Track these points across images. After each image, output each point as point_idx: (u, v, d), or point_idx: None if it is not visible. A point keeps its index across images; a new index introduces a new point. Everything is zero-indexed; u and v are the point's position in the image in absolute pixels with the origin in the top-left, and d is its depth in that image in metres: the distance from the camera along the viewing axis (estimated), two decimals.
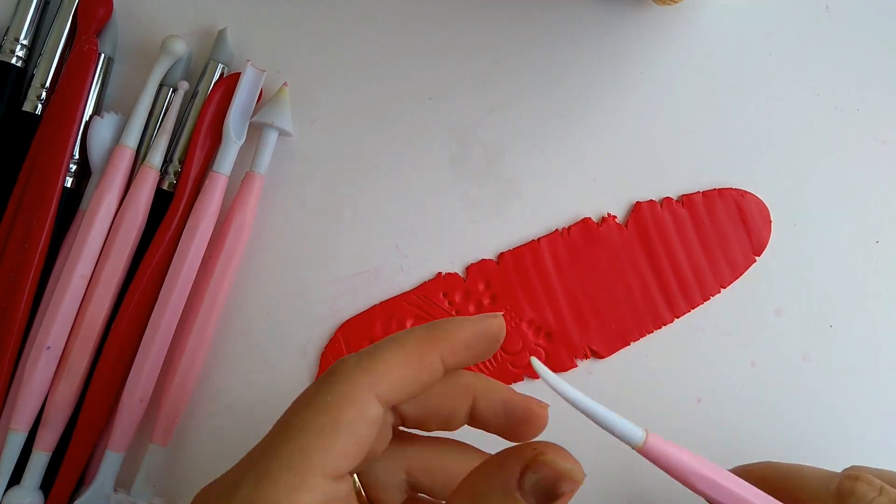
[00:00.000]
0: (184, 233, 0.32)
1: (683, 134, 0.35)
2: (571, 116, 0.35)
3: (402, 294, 0.33)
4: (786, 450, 0.32)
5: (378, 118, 0.35)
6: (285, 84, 0.34)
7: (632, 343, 0.33)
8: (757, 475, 0.26)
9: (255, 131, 0.34)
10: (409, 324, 0.33)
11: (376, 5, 0.36)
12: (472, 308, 0.33)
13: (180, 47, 0.33)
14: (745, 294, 0.34)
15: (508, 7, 0.35)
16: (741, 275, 0.33)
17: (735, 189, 0.34)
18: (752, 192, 0.34)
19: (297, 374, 0.33)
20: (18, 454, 0.31)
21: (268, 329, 0.34)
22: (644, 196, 0.34)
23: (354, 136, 0.35)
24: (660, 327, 0.33)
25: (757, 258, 0.34)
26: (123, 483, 0.32)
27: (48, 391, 0.31)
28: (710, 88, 0.35)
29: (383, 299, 0.33)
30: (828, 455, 0.32)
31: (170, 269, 0.32)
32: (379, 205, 0.34)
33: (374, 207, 0.34)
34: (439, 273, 0.34)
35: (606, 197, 0.34)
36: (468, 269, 0.34)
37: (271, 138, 0.33)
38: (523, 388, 0.33)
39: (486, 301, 0.33)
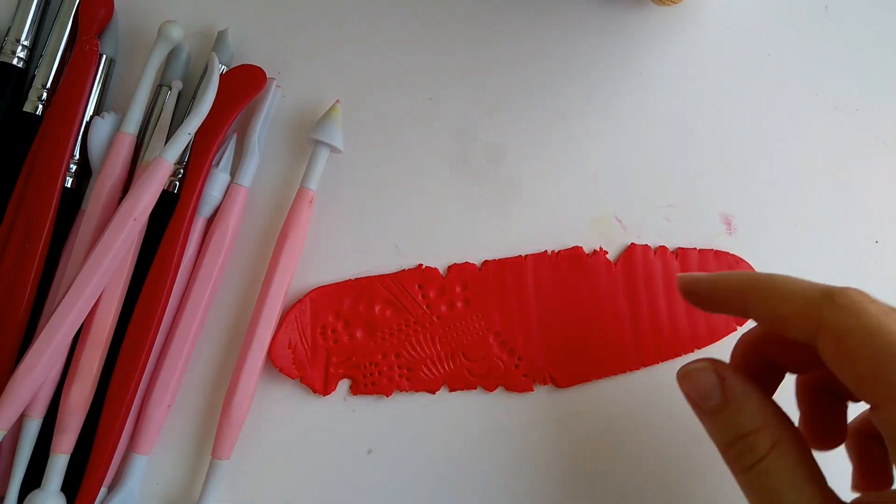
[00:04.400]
0: (210, 246, 0.33)
1: (683, 133, 0.35)
2: (571, 116, 0.35)
3: (378, 276, 0.33)
4: None
5: (378, 118, 0.35)
6: (338, 101, 0.34)
7: (593, 380, 0.33)
8: (734, 286, 0.26)
9: (302, 146, 0.34)
10: (377, 307, 0.33)
11: (376, 6, 0.36)
12: (444, 307, 0.33)
13: (177, 32, 0.33)
14: (668, 360, 0.33)
15: (508, 7, 0.35)
16: (719, 339, 0.33)
17: (732, 255, 0.33)
18: (744, 209, 0.34)
19: None
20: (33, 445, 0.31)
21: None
22: (643, 195, 0.34)
23: (354, 136, 0.35)
24: (624, 372, 0.33)
25: (739, 327, 0.33)
26: (174, 500, 0.33)
27: (62, 394, 0.31)
28: (709, 88, 0.35)
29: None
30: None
31: (197, 281, 0.32)
32: (378, 205, 0.34)
33: (373, 207, 0.34)
34: (420, 264, 0.34)
35: (606, 197, 0.34)
36: (449, 268, 0.33)
37: (323, 155, 0.33)
38: (476, 398, 0.33)
39: (459, 304, 0.33)
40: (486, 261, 0.33)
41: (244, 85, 0.33)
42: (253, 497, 0.32)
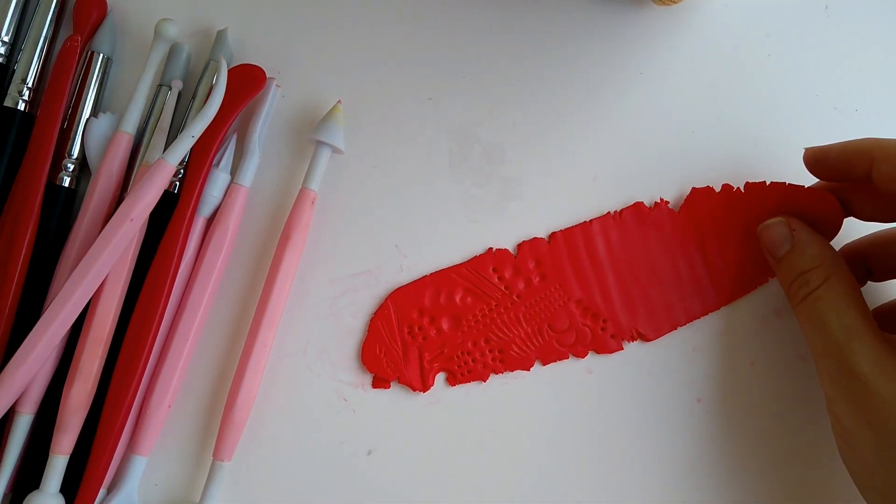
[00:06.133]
0: (210, 245, 0.32)
1: (682, 134, 0.35)
2: (571, 116, 0.35)
3: (452, 266, 0.34)
4: (786, 449, 0.33)
5: (378, 118, 0.35)
6: (339, 101, 0.34)
7: (678, 328, 0.33)
8: (860, 148, 0.30)
9: (302, 146, 0.34)
10: (457, 297, 0.33)
11: (376, 5, 0.35)
12: (521, 285, 0.33)
13: (173, 30, 0.33)
14: (747, 294, 0.34)
15: (508, 7, 0.35)
16: None
17: (800, 186, 0.33)
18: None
19: (295, 373, 0.33)
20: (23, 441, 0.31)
21: None
22: (643, 196, 0.34)
23: (354, 136, 0.35)
24: (707, 313, 0.33)
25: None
26: (174, 501, 0.32)
27: (62, 394, 0.31)
28: (709, 88, 0.35)
29: (384, 299, 0.33)
30: (828, 455, 0.33)
31: (197, 280, 0.32)
32: (379, 205, 0.34)
33: (373, 207, 0.34)
34: (490, 248, 0.34)
35: (606, 196, 0.34)
36: (519, 246, 0.34)
37: (325, 156, 0.33)
38: (569, 367, 0.33)
39: (535, 279, 0.33)
40: (553, 233, 0.34)
41: (244, 85, 0.33)
42: (255, 499, 0.32)
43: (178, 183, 0.33)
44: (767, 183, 0.33)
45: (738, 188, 0.34)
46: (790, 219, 0.31)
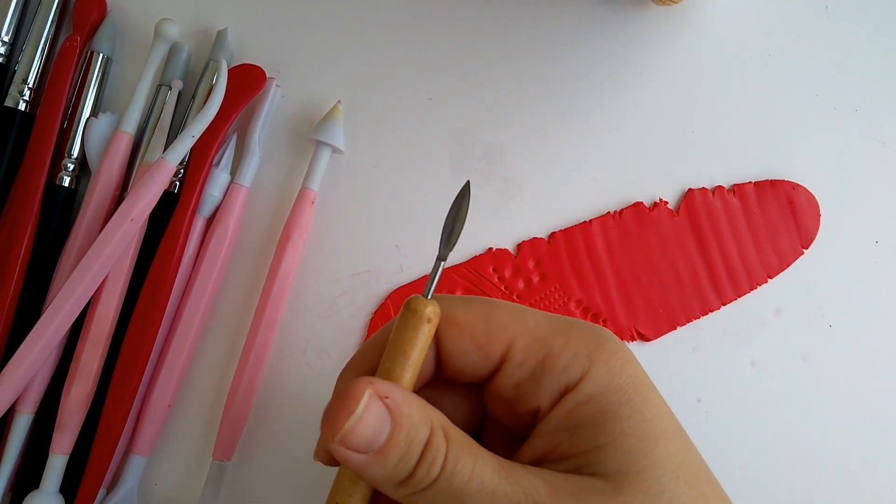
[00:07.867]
0: (210, 245, 0.33)
1: (682, 134, 0.35)
2: (571, 116, 0.35)
3: (452, 266, 0.34)
4: (785, 449, 0.33)
5: (378, 118, 0.35)
6: (339, 102, 0.34)
7: (678, 328, 0.33)
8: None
9: (305, 147, 0.34)
10: (458, 295, 0.33)
11: (376, 6, 0.35)
12: (521, 285, 0.33)
13: (173, 30, 0.33)
14: (745, 294, 0.34)
15: (508, 7, 0.35)
16: (789, 266, 0.34)
17: (787, 181, 0.34)
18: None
19: (296, 372, 0.33)
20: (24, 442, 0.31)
21: None
22: (643, 196, 0.34)
23: (354, 136, 0.35)
24: (707, 313, 0.33)
25: (805, 250, 0.34)
26: (174, 501, 0.32)
27: (62, 394, 0.31)
28: (709, 89, 0.35)
29: (383, 299, 0.33)
30: (828, 455, 0.33)
31: (197, 280, 0.32)
32: (378, 205, 0.34)
33: (373, 207, 0.34)
34: (490, 248, 0.34)
35: (606, 196, 0.34)
36: (519, 246, 0.34)
37: (325, 156, 0.33)
38: None
39: (535, 278, 0.33)
40: (553, 233, 0.34)
41: (244, 85, 0.33)
42: (255, 499, 0.32)
43: (178, 183, 0.33)
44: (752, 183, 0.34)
45: (731, 188, 0.34)
46: (376, 382, 0.21)
